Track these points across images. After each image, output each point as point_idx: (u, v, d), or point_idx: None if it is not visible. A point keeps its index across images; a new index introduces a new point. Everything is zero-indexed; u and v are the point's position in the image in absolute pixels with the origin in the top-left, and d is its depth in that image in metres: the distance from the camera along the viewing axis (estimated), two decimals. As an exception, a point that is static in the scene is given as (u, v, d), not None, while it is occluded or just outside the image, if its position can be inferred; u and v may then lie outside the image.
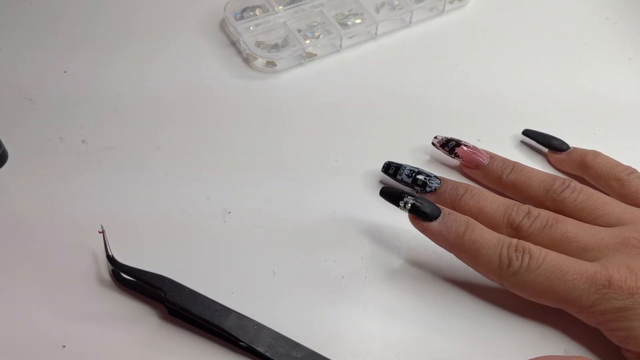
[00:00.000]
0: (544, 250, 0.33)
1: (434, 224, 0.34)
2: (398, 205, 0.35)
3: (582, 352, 0.33)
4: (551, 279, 0.32)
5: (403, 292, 0.35)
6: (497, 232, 0.36)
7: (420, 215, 0.35)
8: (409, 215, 0.35)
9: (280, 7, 0.50)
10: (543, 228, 0.34)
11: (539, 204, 0.37)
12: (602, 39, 0.51)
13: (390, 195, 0.36)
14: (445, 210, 0.35)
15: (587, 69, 0.49)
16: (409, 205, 0.35)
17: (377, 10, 0.51)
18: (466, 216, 0.35)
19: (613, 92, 0.47)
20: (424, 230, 0.35)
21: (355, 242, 0.38)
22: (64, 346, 0.33)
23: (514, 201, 0.36)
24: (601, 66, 0.49)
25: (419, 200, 0.35)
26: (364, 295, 0.35)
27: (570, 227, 0.34)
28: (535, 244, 0.34)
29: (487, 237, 0.34)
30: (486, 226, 0.36)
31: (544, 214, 0.35)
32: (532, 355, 0.33)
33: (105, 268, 0.35)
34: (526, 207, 0.35)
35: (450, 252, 0.35)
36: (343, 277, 0.36)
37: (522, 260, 0.32)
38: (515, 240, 0.33)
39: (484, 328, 0.34)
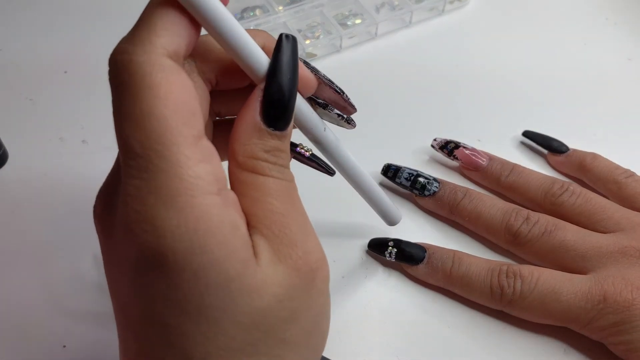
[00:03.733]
0: (535, 272, 0.33)
1: (421, 267, 0.35)
2: (384, 255, 0.36)
3: (582, 351, 0.33)
4: (546, 301, 0.32)
5: (403, 292, 0.35)
6: (496, 237, 0.36)
7: (407, 260, 0.35)
8: (401, 264, 0.36)
9: (280, 7, 0.50)
10: (542, 235, 0.34)
11: (538, 206, 0.37)
12: (602, 39, 0.51)
13: (376, 246, 0.36)
14: (430, 249, 0.35)
15: (587, 69, 0.49)
16: (394, 254, 0.35)
17: (377, 10, 0.51)
18: (452, 250, 0.35)
19: (613, 92, 0.47)
20: (414, 275, 0.35)
21: (355, 242, 0.38)
22: (64, 346, 0.33)
23: (514, 206, 0.36)
24: (601, 66, 0.49)
25: (402, 246, 0.35)
26: (364, 295, 0.35)
27: (569, 234, 0.34)
28: (533, 250, 0.34)
29: (475, 269, 0.34)
30: (485, 231, 0.36)
31: (543, 220, 0.35)
32: (531, 355, 0.33)
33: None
34: (525, 212, 0.35)
35: (445, 287, 0.35)
36: (343, 277, 0.36)
37: (514, 287, 0.32)
38: (505, 266, 0.33)
39: (483, 328, 0.34)
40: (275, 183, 0.22)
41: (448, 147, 0.41)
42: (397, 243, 0.36)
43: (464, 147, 0.40)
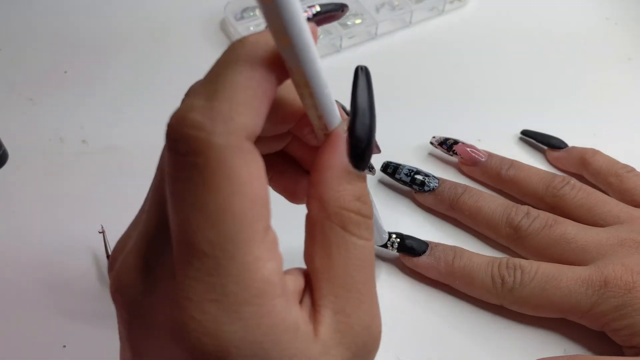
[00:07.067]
0: (535, 263, 0.33)
1: (423, 259, 0.35)
2: (386, 247, 0.36)
3: (582, 351, 0.33)
4: (546, 288, 0.32)
5: (403, 292, 0.35)
6: (496, 232, 0.36)
7: (409, 252, 0.35)
8: (400, 255, 0.36)
9: (280, 7, 0.50)
10: (542, 228, 0.34)
11: (539, 200, 0.37)
12: (602, 39, 0.51)
13: None
14: (432, 243, 0.35)
15: (587, 69, 0.49)
16: (396, 244, 0.35)
17: (377, 10, 0.51)
18: (454, 245, 0.35)
19: (613, 92, 0.47)
20: (415, 267, 0.35)
21: (355, 242, 0.37)
22: (64, 346, 0.33)
23: (513, 202, 0.36)
24: (601, 66, 0.49)
25: (404, 236, 0.35)
26: (363, 295, 0.35)
27: (569, 228, 0.34)
28: (533, 244, 0.35)
29: (477, 261, 0.34)
30: (485, 226, 0.37)
31: (543, 214, 0.35)
32: (532, 355, 0.33)
33: (105, 268, 0.35)
34: (525, 207, 0.36)
35: (445, 282, 0.35)
36: (343, 277, 0.36)
37: (514, 277, 0.32)
38: (505, 259, 0.33)
39: (483, 328, 0.34)
40: (361, 249, 0.20)
41: (447, 143, 0.41)
42: (400, 235, 0.36)
43: (463, 143, 0.41)
